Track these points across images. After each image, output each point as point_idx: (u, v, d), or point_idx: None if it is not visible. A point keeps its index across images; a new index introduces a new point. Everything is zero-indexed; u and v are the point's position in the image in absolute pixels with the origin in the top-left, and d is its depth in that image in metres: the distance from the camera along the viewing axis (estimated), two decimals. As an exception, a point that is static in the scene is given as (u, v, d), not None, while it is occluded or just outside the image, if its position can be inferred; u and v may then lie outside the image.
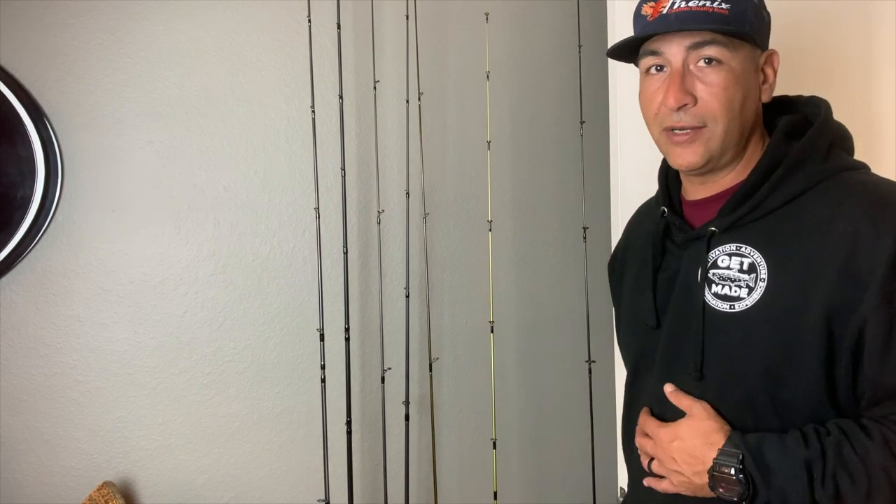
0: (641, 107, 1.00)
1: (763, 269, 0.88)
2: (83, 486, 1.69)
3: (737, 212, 0.91)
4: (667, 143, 0.95)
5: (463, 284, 1.91)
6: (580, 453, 1.85)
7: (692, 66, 0.91)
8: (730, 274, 0.90)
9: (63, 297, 1.69)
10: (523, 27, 1.95)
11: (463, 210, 1.91)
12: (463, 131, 1.91)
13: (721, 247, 0.92)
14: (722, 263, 0.91)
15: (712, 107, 0.90)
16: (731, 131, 0.91)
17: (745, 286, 0.88)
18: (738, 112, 0.91)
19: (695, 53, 0.90)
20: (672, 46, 0.91)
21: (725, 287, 0.90)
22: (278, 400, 1.80)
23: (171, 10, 1.74)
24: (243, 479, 1.78)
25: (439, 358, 1.88)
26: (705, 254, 0.93)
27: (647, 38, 0.94)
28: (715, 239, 0.93)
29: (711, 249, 0.93)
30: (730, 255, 0.91)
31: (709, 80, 0.90)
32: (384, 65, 1.82)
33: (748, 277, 0.88)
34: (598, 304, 1.74)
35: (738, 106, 0.91)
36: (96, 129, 1.70)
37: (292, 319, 1.80)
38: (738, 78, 0.91)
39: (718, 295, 0.91)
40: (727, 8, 0.89)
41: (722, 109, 0.90)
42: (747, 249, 0.90)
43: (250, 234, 1.78)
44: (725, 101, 0.90)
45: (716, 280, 0.91)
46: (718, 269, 0.91)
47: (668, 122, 0.93)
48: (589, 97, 1.82)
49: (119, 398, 1.72)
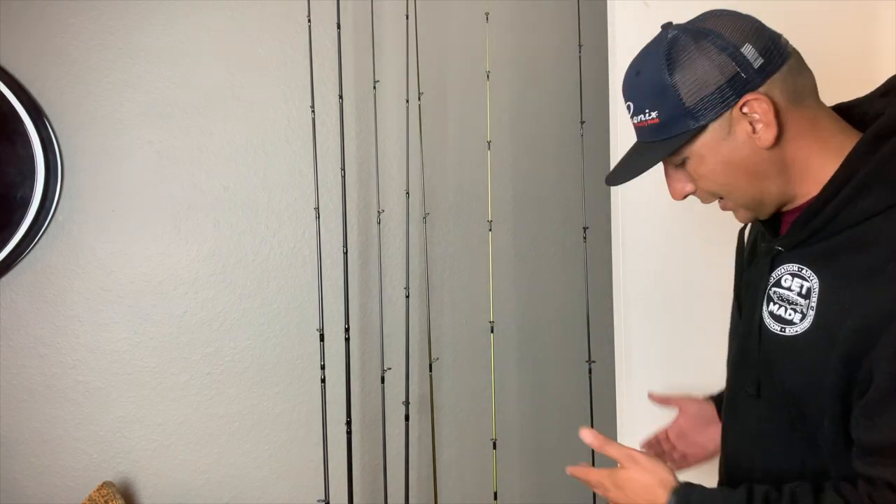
0: None
1: (815, 296, 0.82)
2: (83, 486, 1.69)
3: (804, 229, 0.84)
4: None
5: (463, 284, 1.91)
6: (580, 453, 1.85)
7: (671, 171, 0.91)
8: (789, 296, 0.86)
9: (63, 297, 1.69)
10: (523, 27, 1.95)
11: (463, 210, 1.91)
12: (463, 131, 1.91)
13: (785, 265, 0.87)
14: (784, 283, 0.87)
15: (713, 189, 0.88)
16: (752, 193, 0.86)
17: (800, 311, 0.84)
18: (741, 178, 0.85)
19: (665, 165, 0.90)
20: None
21: (782, 308, 0.86)
22: (278, 400, 1.80)
23: (171, 10, 1.74)
24: (243, 479, 1.78)
25: (439, 358, 1.88)
26: (768, 273, 0.89)
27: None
28: (779, 258, 0.88)
29: (776, 268, 0.88)
30: (792, 275, 0.86)
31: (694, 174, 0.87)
32: (384, 65, 1.82)
33: (804, 303, 0.84)
34: (598, 304, 1.74)
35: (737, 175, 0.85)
36: (96, 129, 1.70)
37: (292, 319, 1.80)
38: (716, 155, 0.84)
39: (774, 315, 0.87)
40: (656, 116, 0.85)
41: (724, 190, 0.87)
42: (807, 272, 0.84)
43: (250, 234, 1.78)
44: (720, 185, 0.86)
45: (775, 299, 0.88)
46: (780, 288, 0.87)
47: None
48: (589, 97, 1.82)
49: (119, 398, 1.72)
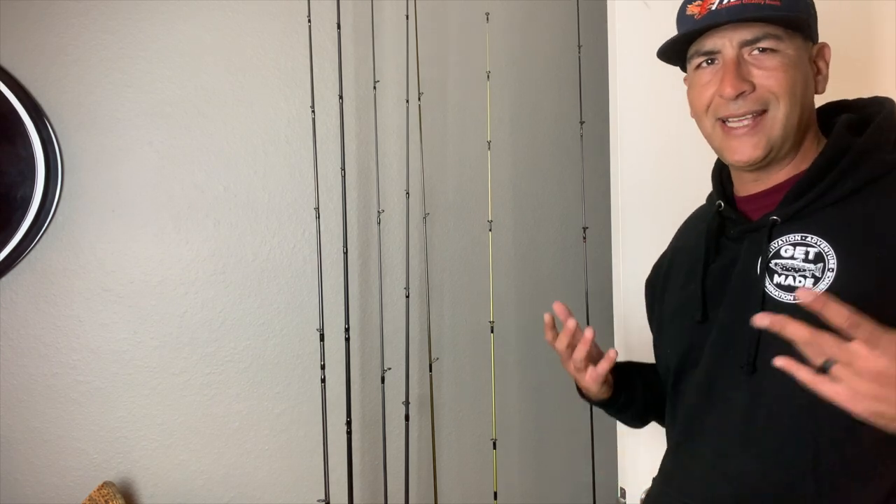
0: (690, 101, 0.97)
1: (832, 258, 0.83)
2: (83, 486, 1.69)
3: (801, 200, 0.87)
4: (722, 137, 0.92)
5: (463, 284, 1.91)
6: (580, 453, 1.85)
7: (746, 56, 0.89)
8: (794, 264, 0.85)
9: (63, 297, 1.69)
10: (523, 27, 1.95)
11: (463, 210, 1.91)
12: (463, 131, 1.91)
13: (784, 237, 0.88)
14: (785, 253, 0.87)
15: (773, 88, 0.88)
16: (792, 116, 0.88)
17: (812, 276, 0.84)
18: (799, 96, 0.89)
19: (748, 47, 0.89)
20: (724, 41, 0.89)
21: (789, 277, 0.85)
22: (278, 400, 1.80)
23: (171, 10, 1.74)
24: (243, 479, 1.78)
25: (439, 358, 1.88)
26: (766, 244, 0.88)
27: (695, 36, 0.92)
28: (777, 229, 0.89)
29: (773, 240, 0.88)
30: (794, 244, 0.86)
31: (766, 65, 0.88)
32: (384, 65, 1.82)
33: (814, 267, 0.84)
34: (598, 304, 1.74)
35: (800, 89, 0.89)
36: (96, 129, 1.70)
37: (292, 319, 1.80)
38: (795, 63, 0.89)
39: (782, 286, 0.86)
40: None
41: (783, 90, 0.87)
42: (813, 239, 0.85)
43: (250, 234, 1.78)
44: (786, 82, 0.87)
45: (778, 270, 0.87)
46: (781, 258, 0.87)
47: (724, 112, 0.90)
48: (589, 97, 1.82)
49: (119, 398, 1.72)
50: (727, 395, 0.91)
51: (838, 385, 0.68)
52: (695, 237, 1.03)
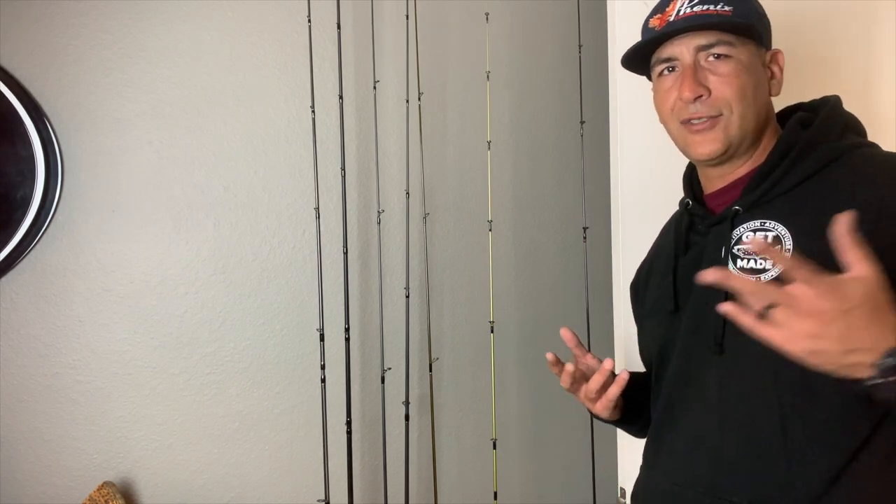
0: (657, 107, 1.03)
1: (788, 239, 0.89)
2: (83, 486, 1.69)
3: (758, 189, 0.94)
4: (685, 134, 0.98)
5: (463, 284, 1.91)
6: (580, 453, 1.85)
7: (703, 62, 0.95)
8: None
9: (63, 297, 1.69)
10: (523, 27, 1.95)
11: (463, 210, 1.91)
12: (463, 131, 1.91)
13: (745, 224, 0.94)
14: (746, 239, 0.93)
15: (726, 94, 0.94)
16: (746, 117, 0.95)
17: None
18: (751, 99, 0.95)
19: (704, 53, 0.95)
20: (682, 48, 0.96)
21: (751, 261, 0.91)
22: (278, 400, 1.80)
23: (171, 10, 1.74)
24: (243, 479, 1.78)
25: (439, 358, 1.88)
26: (729, 232, 0.94)
27: (656, 45, 0.99)
28: (738, 218, 0.95)
29: (735, 228, 0.94)
30: (754, 230, 0.92)
31: (720, 72, 0.94)
32: (384, 65, 1.82)
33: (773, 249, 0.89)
34: (598, 304, 1.74)
35: (751, 94, 0.95)
36: (96, 129, 1.70)
37: (292, 319, 1.80)
38: (748, 68, 0.95)
39: (745, 269, 0.92)
40: (730, 10, 0.94)
41: (736, 96, 0.94)
42: (771, 224, 0.91)
43: (250, 234, 1.78)
44: (738, 89, 0.94)
45: (741, 255, 0.93)
46: (744, 244, 0.93)
47: (685, 115, 0.97)
48: (589, 97, 1.82)
49: (119, 398, 1.72)
50: (701, 377, 0.96)
51: (776, 328, 0.71)
52: (669, 239, 1.09)
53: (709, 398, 0.94)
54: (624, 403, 1.10)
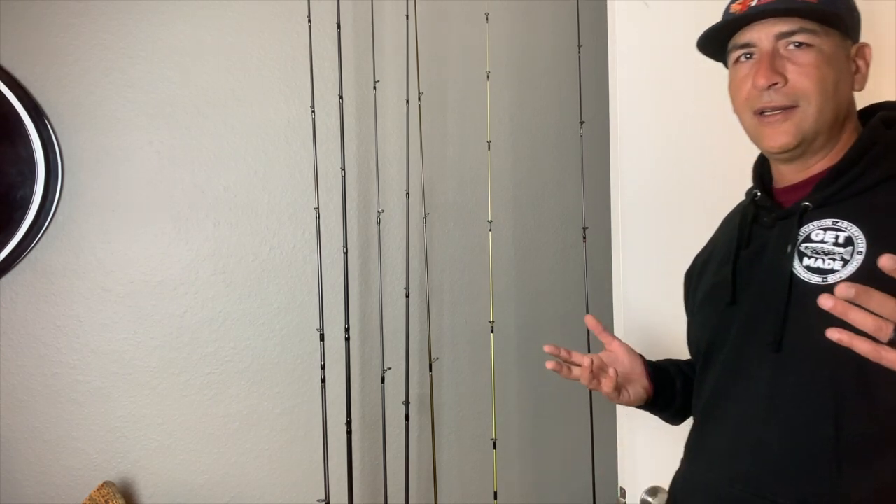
0: (731, 95, 0.99)
1: (861, 242, 0.85)
2: (83, 486, 1.69)
3: (832, 186, 0.90)
4: (757, 126, 0.94)
5: (463, 284, 1.91)
6: (580, 453, 1.85)
7: (782, 50, 0.91)
8: (824, 247, 0.88)
9: (63, 297, 1.69)
10: (523, 27, 1.95)
11: (463, 210, 1.91)
12: (463, 131, 1.91)
13: (814, 222, 0.90)
14: (815, 237, 0.89)
15: (804, 85, 0.90)
16: (824, 111, 0.90)
17: (840, 259, 0.86)
18: (831, 92, 0.90)
19: (784, 41, 0.91)
20: (760, 34, 0.92)
21: (818, 260, 0.88)
22: (278, 400, 1.80)
23: (171, 10, 1.74)
24: (243, 479, 1.78)
25: (439, 358, 1.88)
26: (796, 228, 0.91)
27: (734, 30, 0.94)
28: (808, 215, 0.91)
29: (804, 225, 0.91)
30: (824, 229, 0.89)
31: (800, 61, 0.90)
32: (384, 65, 1.83)
33: (843, 251, 0.86)
34: (598, 304, 1.74)
35: (831, 86, 0.90)
36: (96, 129, 1.70)
37: (292, 319, 1.80)
38: (830, 59, 0.90)
39: (811, 268, 0.88)
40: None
41: (814, 88, 0.89)
42: (843, 224, 0.88)
43: (250, 234, 1.78)
44: (817, 80, 0.89)
45: (808, 253, 0.89)
46: (811, 242, 0.89)
47: (759, 104, 0.93)
48: (589, 97, 1.82)
49: (119, 398, 1.72)
50: (752, 372, 0.93)
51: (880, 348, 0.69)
52: (731, 229, 1.06)
53: (759, 395, 0.92)
54: (654, 388, 1.09)
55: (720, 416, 0.98)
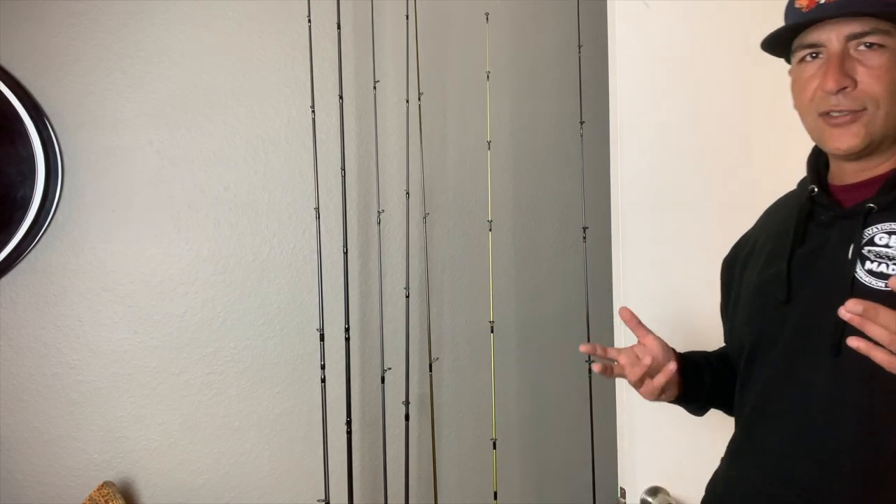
0: (794, 94, 0.97)
1: None
2: (83, 486, 1.69)
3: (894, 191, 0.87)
4: (822, 126, 0.92)
5: (463, 284, 1.91)
6: (580, 453, 1.85)
7: (852, 51, 0.88)
8: (889, 252, 0.85)
9: (63, 297, 1.69)
10: (523, 27, 1.95)
11: (463, 210, 1.91)
12: (463, 131, 1.91)
13: (879, 224, 0.87)
14: (880, 241, 0.86)
15: (874, 89, 0.87)
16: (892, 115, 0.88)
17: None
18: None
19: (855, 41, 0.88)
20: (830, 34, 0.89)
21: (882, 265, 0.85)
22: (278, 400, 1.80)
23: (171, 11, 1.74)
24: (243, 479, 1.78)
25: (439, 358, 1.88)
26: (860, 230, 0.88)
27: (801, 29, 0.92)
28: (871, 217, 0.88)
29: (868, 227, 0.88)
30: (889, 233, 0.86)
31: (871, 63, 0.87)
32: (384, 65, 1.83)
33: None
34: (598, 304, 1.74)
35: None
36: (96, 129, 1.70)
37: (292, 319, 1.80)
38: None
39: (874, 272, 0.85)
40: None
41: (885, 92, 0.87)
42: None
43: (250, 234, 1.78)
44: (889, 84, 0.87)
45: (871, 257, 0.86)
46: (875, 246, 0.86)
47: (825, 106, 0.90)
48: (589, 97, 1.82)
49: (119, 398, 1.72)
50: (808, 376, 0.91)
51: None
52: (778, 222, 1.04)
53: (815, 399, 0.90)
54: (682, 381, 1.07)
55: (772, 418, 0.96)
